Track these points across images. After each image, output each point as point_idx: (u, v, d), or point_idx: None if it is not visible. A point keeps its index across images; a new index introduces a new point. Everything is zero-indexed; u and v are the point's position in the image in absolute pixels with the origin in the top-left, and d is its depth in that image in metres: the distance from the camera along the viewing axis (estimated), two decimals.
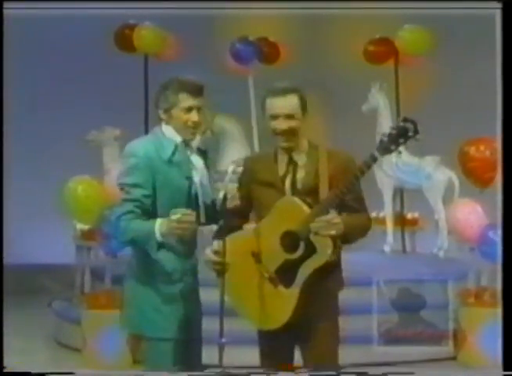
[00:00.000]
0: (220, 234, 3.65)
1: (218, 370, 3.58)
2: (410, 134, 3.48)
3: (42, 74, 9.71)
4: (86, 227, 7.51)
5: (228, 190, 3.65)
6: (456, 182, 7.98)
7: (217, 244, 3.63)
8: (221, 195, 3.64)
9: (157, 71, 8.80)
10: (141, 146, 3.72)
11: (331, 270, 3.64)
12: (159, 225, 3.54)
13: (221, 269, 3.61)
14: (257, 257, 3.63)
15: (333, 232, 3.52)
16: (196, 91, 3.69)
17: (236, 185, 3.73)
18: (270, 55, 9.14)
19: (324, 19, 9.04)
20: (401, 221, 8.64)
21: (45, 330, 7.53)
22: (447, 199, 8.02)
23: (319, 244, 3.55)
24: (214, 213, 3.76)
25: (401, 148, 3.52)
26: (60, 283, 8.84)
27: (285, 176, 3.69)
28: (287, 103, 3.64)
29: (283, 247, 3.60)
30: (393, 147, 3.50)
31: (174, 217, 3.50)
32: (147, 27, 8.70)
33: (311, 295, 3.59)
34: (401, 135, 3.49)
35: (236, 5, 6.94)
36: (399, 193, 8.64)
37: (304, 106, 3.67)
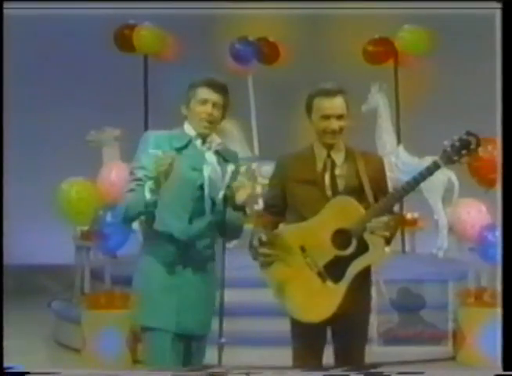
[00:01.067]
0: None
1: (218, 369, 3.58)
2: (472, 147, 3.67)
3: (41, 74, 9.72)
4: (85, 227, 7.50)
5: (229, 190, 3.66)
6: (456, 183, 7.98)
7: (264, 236, 3.72)
8: (220, 195, 3.66)
9: (157, 71, 8.82)
10: (154, 133, 3.82)
11: (370, 269, 3.82)
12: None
13: (266, 261, 3.73)
14: (306, 251, 3.72)
15: (387, 233, 3.68)
16: (216, 87, 3.74)
17: (238, 184, 3.73)
18: (270, 55, 9.14)
19: (323, 20, 9.05)
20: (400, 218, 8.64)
21: (44, 331, 7.54)
22: (446, 199, 8.03)
23: (372, 243, 3.69)
24: (222, 209, 3.74)
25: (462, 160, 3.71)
26: (60, 283, 8.83)
27: (323, 172, 3.80)
28: (338, 104, 3.77)
29: (333, 243, 3.70)
30: (456, 158, 3.69)
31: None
32: (147, 27, 8.70)
33: (356, 292, 3.71)
34: (464, 148, 3.68)
35: (235, 5, 6.94)
36: None
37: (348, 107, 3.80)
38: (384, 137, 8.43)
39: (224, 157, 3.81)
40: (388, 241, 3.74)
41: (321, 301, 3.70)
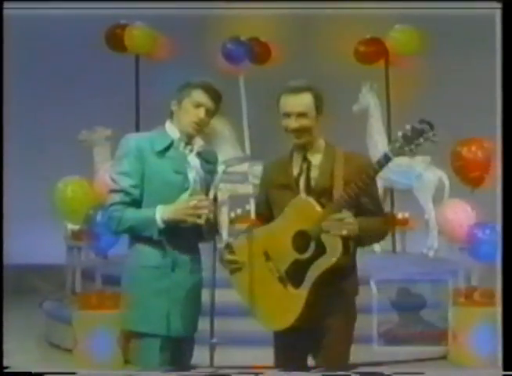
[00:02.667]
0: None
1: (209, 370, 3.58)
2: (425, 135, 3.45)
3: (34, 75, 9.71)
4: (77, 227, 7.51)
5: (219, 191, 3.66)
6: (447, 182, 8.01)
7: (231, 242, 3.68)
8: (211, 195, 3.66)
9: (148, 71, 8.81)
10: (134, 137, 3.78)
11: (344, 274, 3.59)
12: (161, 212, 3.58)
13: (233, 268, 3.66)
14: (269, 255, 3.61)
15: (344, 232, 3.46)
16: (213, 93, 3.72)
17: (227, 186, 3.74)
18: (261, 55, 9.15)
19: (315, 20, 9.07)
20: (391, 221, 8.66)
21: (36, 331, 7.53)
22: (437, 199, 8.05)
23: (328, 245, 3.49)
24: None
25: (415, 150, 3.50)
26: (51, 283, 8.83)
27: (299, 176, 3.68)
28: (300, 102, 3.63)
29: (294, 246, 3.56)
30: (407, 148, 3.48)
31: (191, 203, 3.55)
32: (138, 26, 8.70)
33: (320, 297, 3.54)
34: (416, 137, 3.46)
35: (227, 5, 6.94)
36: (389, 193, 8.67)
37: (318, 105, 3.66)
38: (375, 137, 8.45)
39: (204, 158, 3.79)
40: (362, 243, 3.56)
41: (283, 308, 3.55)
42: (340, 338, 3.63)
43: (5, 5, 4.92)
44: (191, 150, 3.76)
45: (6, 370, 3.93)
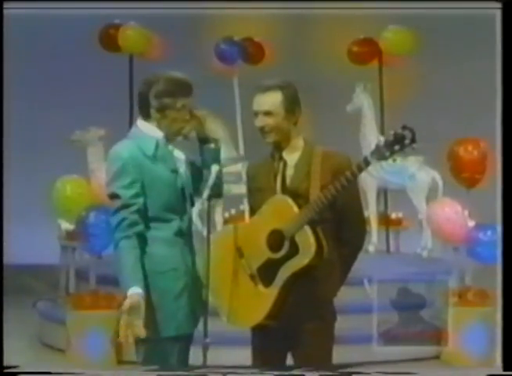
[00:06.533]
0: None
1: (203, 370, 3.58)
2: (407, 142, 3.41)
3: (32, 74, 9.71)
4: (71, 227, 7.50)
5: (211, 191, 3.66)
6: (440, 182, 8.03)
7: None
8: (205, 195, 3.65)
9: (142, 71, 8.80)
10: (124, 147, 3.67)
11: (319, 276, 3.54)
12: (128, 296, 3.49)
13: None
14: (242, 252, 3.58)
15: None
16: (187, 88, 3.68)
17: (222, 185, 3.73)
18: (255, 55, 9.15)
19: (308, 20, 9.08)
20: (385, 221, 8.68)
21: (29, 331, 7.52)
22: (431, 199, 8.07)
23: (302, 246, 3.48)
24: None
25: (396, 155, 3.46)
26: (45, 283, 8.82)
27: (276, 175, 3.65)
28: (267, 100, 3.61)
29: (268, 245, 3.54)
30: (387, 154, 3.43)
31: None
32: (132, 26, 8.70)
33: (291, 297, 3.52)
34: (397, 143, 3.42)
35: (221, 5, 6.94)
36: (383, 193, 8.69)
37: (288, 104, 3.62)
38: (368, 137, 8.46)
39: (201, 138, 3.75)
40: (321, 243, 3.50)
41: (251, 306, 3.52)
42: (316, 339, 3.57)
43: (5, 5, 4.92)
44: (185, 137, 3.71)
45: (7, 371, 3.91)
